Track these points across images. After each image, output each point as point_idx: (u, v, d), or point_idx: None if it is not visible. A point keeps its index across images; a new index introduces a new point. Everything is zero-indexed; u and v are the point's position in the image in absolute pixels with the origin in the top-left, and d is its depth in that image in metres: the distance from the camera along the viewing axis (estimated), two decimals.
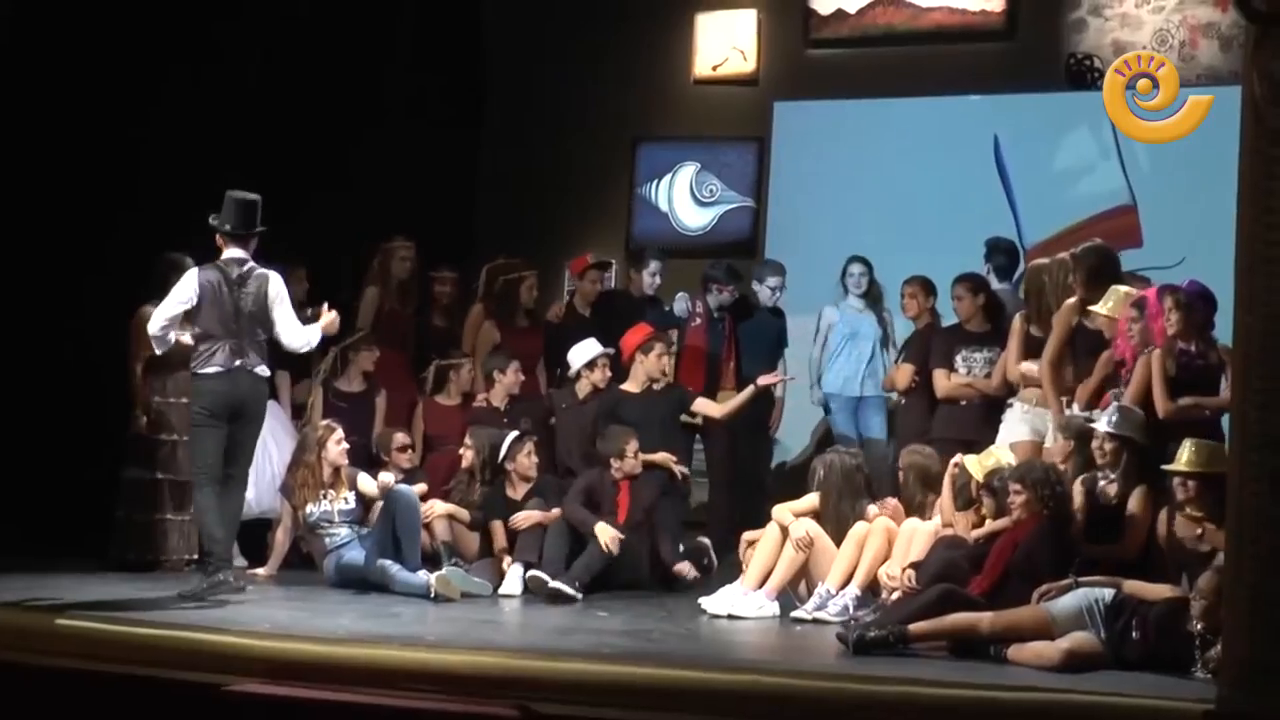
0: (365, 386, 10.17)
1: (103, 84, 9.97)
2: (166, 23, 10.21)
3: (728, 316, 10.85)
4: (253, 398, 8.44)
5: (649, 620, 8.25)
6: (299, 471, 9.29)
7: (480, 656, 6.90)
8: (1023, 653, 7.09)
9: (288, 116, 10.98)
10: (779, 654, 7.75)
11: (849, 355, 10.75)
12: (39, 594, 7.96)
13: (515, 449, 9.52)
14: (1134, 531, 7.67)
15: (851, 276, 10.74)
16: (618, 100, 12.76)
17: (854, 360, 10.73)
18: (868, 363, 10.72)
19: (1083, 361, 8.53)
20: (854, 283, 10.72)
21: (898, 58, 12.22)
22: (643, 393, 9.84)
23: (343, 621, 7.75)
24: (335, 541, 9.16)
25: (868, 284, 10.75)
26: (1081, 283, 8.51)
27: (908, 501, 8.57)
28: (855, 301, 10.83)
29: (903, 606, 7.59)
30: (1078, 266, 8.56)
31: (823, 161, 12.25)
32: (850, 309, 10.83)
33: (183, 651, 7.03)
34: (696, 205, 12.73)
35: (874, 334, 10.76)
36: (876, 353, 10.77)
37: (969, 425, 9.30)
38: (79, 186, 9.82)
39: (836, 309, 10.85)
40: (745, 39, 12.69)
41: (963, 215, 11.43)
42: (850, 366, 10.74)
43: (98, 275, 9.82)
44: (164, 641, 7.12)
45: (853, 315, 10.81)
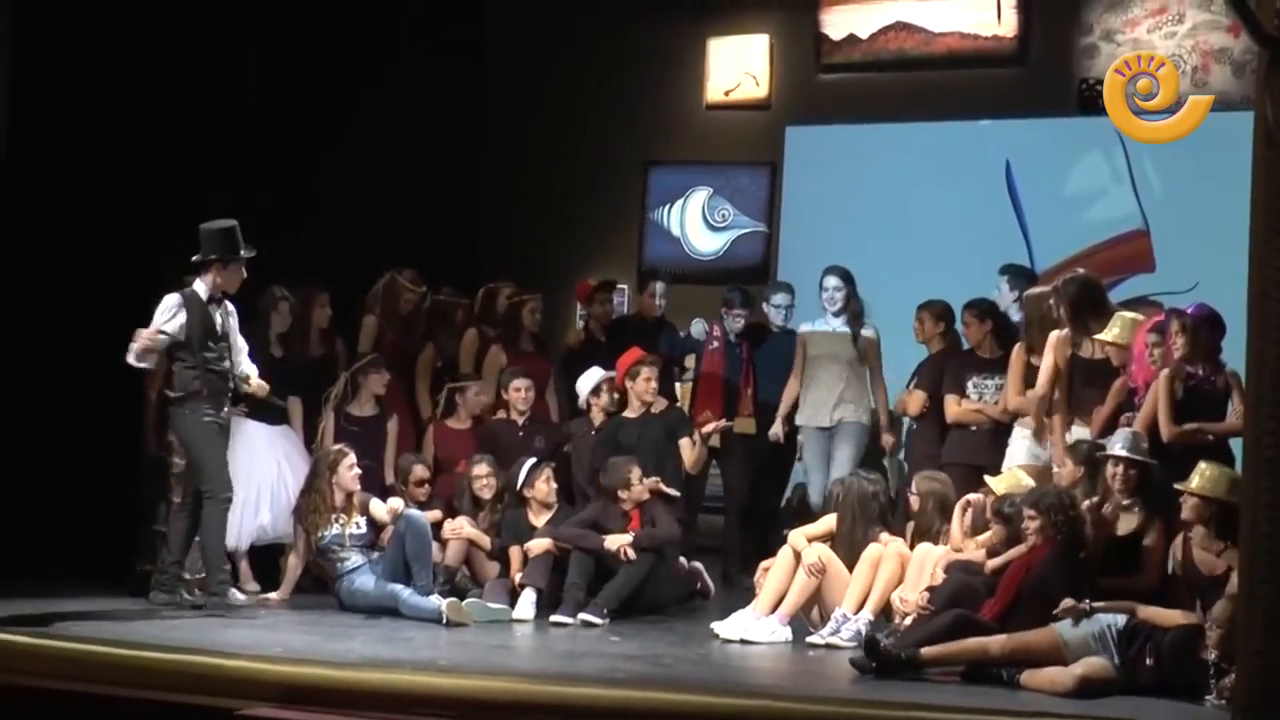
0: (377, 411, 10.15)
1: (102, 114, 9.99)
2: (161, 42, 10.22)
3: (744, 342, 10.66)
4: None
5: (661, 645, 8.23)
6: (311, 496, 9.29)
7: (492, 681, 6.90)
8: (1036, 678, 7.08)
9: (292, 140, 11.01)
10: (792, 679, 7.74)
11: (819, 381, 10.09)
12: (52, 617, 7.99)
13: (534, 475, 9.53)
14: (1153, 562, 7.62)
15: (825, 291, 10.26)
16: (630, 125, 12.80)
17: (824, 387, 10.08)
18: (841, 389, 10.04)
19: (1080, 391, 8.52)
20: (827, 298, 10.24)
21: (910, 82, 12.24)
22: (640, 417, 9.83)
23: (355, 646, 7.75)
24: (347, 566, 9.16)
25: (844, 300, 10.18)
26: (1066, 316, 8.53)
27: (924, 528, 8.56)
28: (832, 320, 10.19)
29: (915, 631, 7.57)
30: (1059, 299, 8.60)
31: (835, 186, 12.26)
32: (823, 328, 10.22)
33: (196, 676, 7.03)
34: (709, 230, 12.75)
35: (847, 356, 10.06)
36: (852, 378, 10.05)
37: (979, 450, 9.29)
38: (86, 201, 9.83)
39: (812, 326, 10.28)
40: (757, 64, 12.72)
41: (975, 240, 11.44)
42: (820, 393, 10.10)
43: (104, 288, 9.79)
44: (178, 666, 7.12)
45: (824, 336, 10.18)
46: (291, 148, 11.00)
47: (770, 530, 9.85)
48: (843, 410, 10.00)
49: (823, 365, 10.07)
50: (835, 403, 10.01)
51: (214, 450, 8.77)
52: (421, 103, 12.05)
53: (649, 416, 9.84)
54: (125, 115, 10.03)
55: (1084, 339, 8.51)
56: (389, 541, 9.15)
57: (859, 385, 10.07)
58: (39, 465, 9.33)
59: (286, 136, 10.99)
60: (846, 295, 10.21)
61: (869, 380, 10.13)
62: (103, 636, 7.53)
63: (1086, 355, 8.53)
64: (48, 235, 9.51)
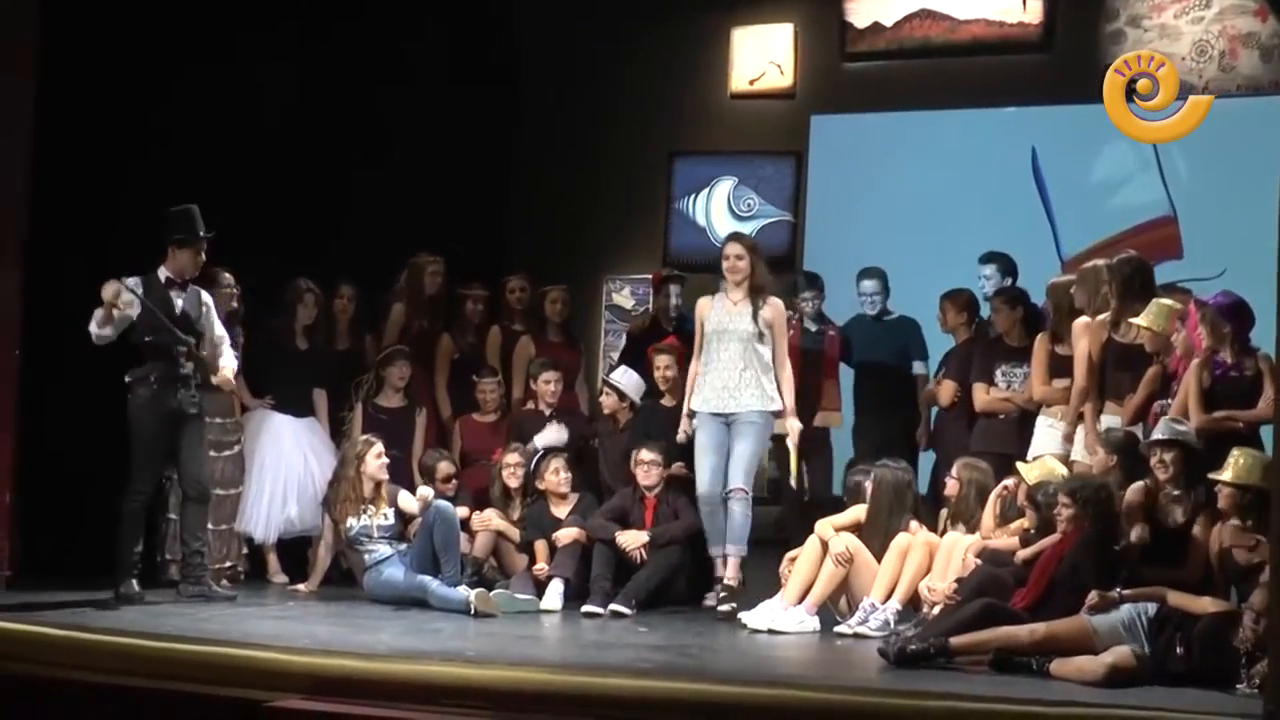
0: (406, 402, 10.20)
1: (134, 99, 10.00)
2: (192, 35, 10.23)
3: (828, 330, 10.35)
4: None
5: (688, 635, 8.24)
6: (339, 486, 9.33)
7: (520, 672, 6.90)
8: (1065, 667, 7.06)
9: (319, 133, 11.02)
10: (820, 669, 7.73)
11: (716, 362, 9.07)
12: (79, 609, 8.03)
13: (542, 466, 9.56)
14: (1198, 554, 7.52)
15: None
16: (654, 115, 12.77)
17: (720, 369, 9.06)
18: (741, 371, 9.02)
19: (1114, 375, 8.47)
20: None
21: (935, 70, 12.19)
22: (672, 406, 9.79)
23: (383, 637, 7.76)
24: (375, 557, 9.18)
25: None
26: (1116, 294, 8.46)
27: (963, 515, 8.54)
28: (732, 293, 9.11)
29: (944, 620, 7.56)
30: (1112, 278, 8.51)
31: (860, 175, 12.23)
32: (723, 301, 9.17)
33: (225, 668, 7.05)
34: (734, 219, 12.72)
35: (747, 332, 9.01)
36: (754, 359, 9.00)
37: (1007, 439, 9.26)
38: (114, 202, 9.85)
39: (711, 299, 9.24)
40: (782, 53, 12.68)
41: (1001, 228, 11.38)
42: (718, 376, 9.08)
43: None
44: (206, 658, 7.14)
45: (721, 310, 9.13)
46: (319, 141, 11.01)
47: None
48: (749, 398, 9.02)
49: (720, 342, 9.05)
50: (737, 386, 9.02)
51: (147, 442, 8.68)
52: (448, 95, 12.07)
53: (679, 408, 9.80)
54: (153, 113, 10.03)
55: (1124, 321, 8.42)
56: (417, 532, 9.18)
57: (762, 368, 9.04)
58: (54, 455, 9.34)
59: (314, 130, 11.00)
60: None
61: (773, 361, 9.11)
62: (133, 629, 7.56)
63: (1122, 338, 8.46)
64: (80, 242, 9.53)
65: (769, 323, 9.02)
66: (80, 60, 9.46)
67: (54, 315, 8.98)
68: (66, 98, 9.16)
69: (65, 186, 9.23)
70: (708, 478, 8.96)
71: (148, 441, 8.71)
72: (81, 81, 9.51)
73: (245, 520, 9.67)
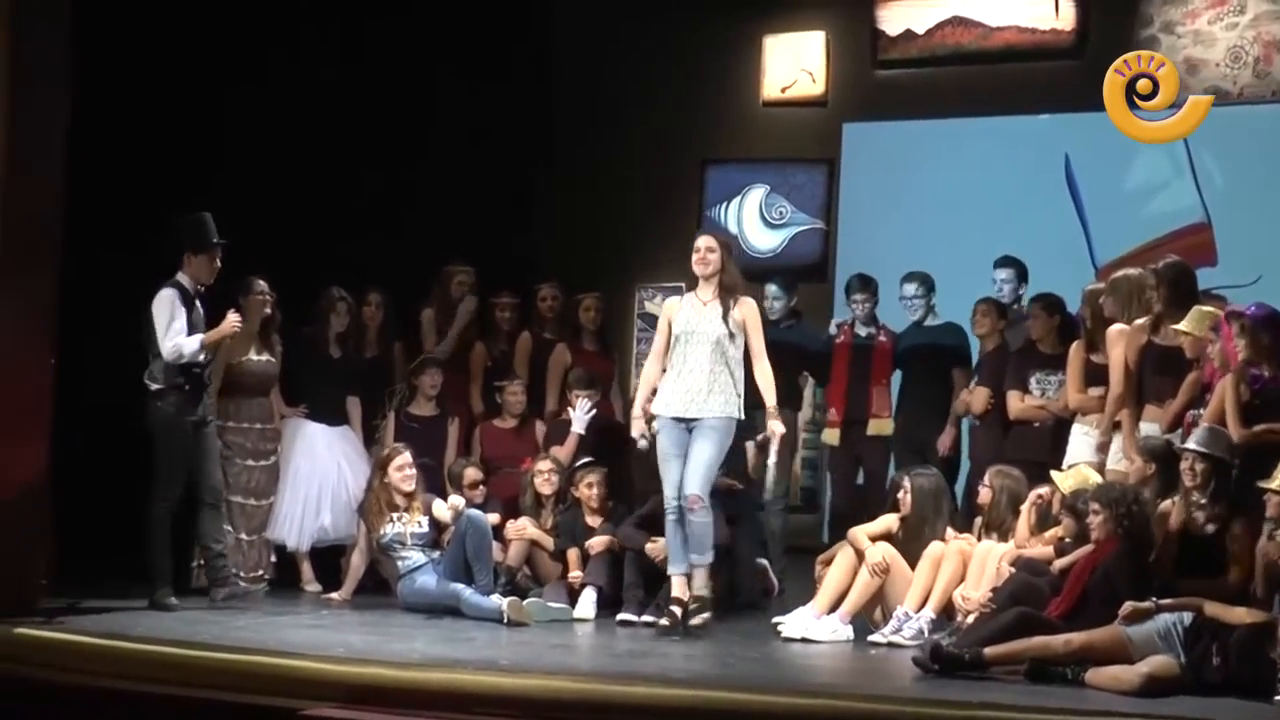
0: (438, 411, 10.22)
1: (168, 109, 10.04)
2: (230, 47, 10.29)
3: (878, 335, 10.24)
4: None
5: (722, 644, 8.22)
6: (370, 494, 9.35)
7: (554, 681, 6.90)
8: (1100, 676, 7.03)
9: (351, 143, 11.06)
10: (854, 677, 7.71)
11: (684, 365, 8.53)
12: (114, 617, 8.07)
13: (577, 477, 9.57)
14: (1237, 563, 7.46)
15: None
16: (686, 123, 12.78)
17: (689, 372, 8.52)
18: (710, 376, 8.48)
19: (1153, 380, 8.41)
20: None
21: (967, 77, 12.18)
22: None
23: (417, 645, 7.77)
24: (408, 565, 9.19)
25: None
26: (1163, 298, 8.38)
27: (995, 523, 8.52)
28: (702, 292, 8.64)
29: (979, 629, 7.54)
30: (1159, 281, 8.42)
31: (893, 182, 12.22)
32: (692, 302, 8.67)
33: (259, 676, 7.06)
34: (766, 227, 12.72)
35: (716, 334, 8.50)
36: (723, 362, 8.47)
37: (1042, 447, 9.21)
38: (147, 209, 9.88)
39: (680, 299, 8.80)
40: (814, 61, 12.68)
41: (1034, 236, 11.36)
42: (686, 380, 8.51)
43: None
44: (240, 666, 7.16)
45: (691, 311, 8.63)
46: (349, 151, 11.05)
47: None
48: (714, 402, 8.50)
49: (686, 344, 8.55)
50: (700, 391, 8.50)
51: (173, 450, 8.78)
52: (480, 103, 12.10)
53: None
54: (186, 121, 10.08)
55: (1166, 325, 8.33)
56: (450, 541, 9.19)
57: (731, 372, 8.51)
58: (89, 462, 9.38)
59: (344, 141, 11.04)
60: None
61: (747, 360, 8.62)
62: (168, 637, 7.59)
63: (1162, 342, 8.37)
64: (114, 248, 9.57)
65: (740, 323, 8.52)
66: (113, 68, 9.53)
67: (87, 323, 9.02)
68: (100, 106, 9.20)
69: (99, 194, 9.28)
70: (673, 491, 8.47)
71: (174, 449, 8.78)
72: (114, 88, 9.57)
73: (278, 528, 9.70)
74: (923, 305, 10.17)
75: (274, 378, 9.72)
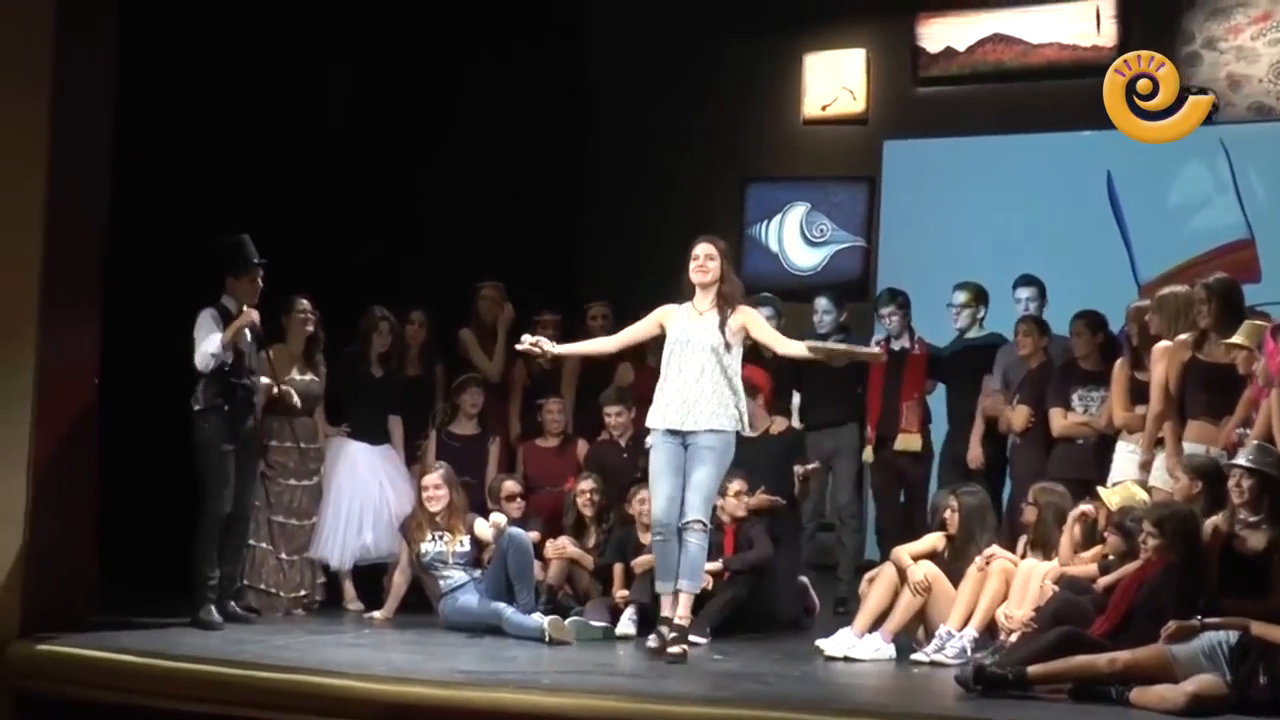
0: (479, 430, 10.23)
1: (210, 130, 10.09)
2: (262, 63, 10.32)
3: (911, 349, 10.14)
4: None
5: (764, 662, 8.20)
6: (414, 511, 9.38)
7: (596, 699, 6.90)
8: (1146, 695, 6.98)
9: (390, 162, 11.10)
10: (896, 696, 7.68)
11: (676, 375, 8.23)
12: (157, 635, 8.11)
13: (630, 493, 9.56)
14: None
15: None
16: (727, 141, 12.80)
17: (681, 382, 8.20)
18: (699, 384, 8.15)
19: (1196, 396, 8.33)
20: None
21: (1008, 94, 12.18)
22: (759, 437, 9.78)
23: (458, 664, 7.76)
24: (450, 584, 9.20)
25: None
26: (1214, 313, 8.25)
27: (1042, 540, 8.48)
28: (699, 302, 8.32)
29: (1022, 648, 7.50)
30: (1211, 296, 8.33)
31: (934, 200, 12.21)
32: (689, 311, 8.33)
33: (302, 695, 7.09)
34: (807, 245, 12.73)
35: (711, 344, 8.19)
36: (717, 372, 8.14)
37: (1085, 464, 9.17)
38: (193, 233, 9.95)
39: (678, 306, 8.41)
40: (854, 78, 12.70)
41: (1076, 252, 11.34)
42: (677, 389, 8.19)
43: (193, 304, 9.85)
44: (283, 685, 7.19)
45: (686, 320, 8.32)
46: (390, 170, 11.09)
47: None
48: (706, 414, 8.17)
49: (682, 351, 8.24)
50: (693, 402, 8.18)
51: (219, 469, 8.81)
52: (520, 122, 12.12)
53: (766, 437, 9.75)
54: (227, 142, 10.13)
55: (1211, 341, 8.24)
56: (491, 559, 9.19)
57: (726, 383, 8.20)
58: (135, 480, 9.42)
59: (385, 159, 11.08)
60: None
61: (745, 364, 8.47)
62: (210, 656, 7.62)
63: (1206, 358, 8.28)
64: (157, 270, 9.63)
65: (739, 330, 8.22)
66: (153, 89, 9.57)
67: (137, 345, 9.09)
68: (143, 128, 9.26)
69: (145, 218, 9.34)
70: (664, 504, 8.17)
71: (219, 468, 8.82)
72: (156, 110, 9.63)
73: (321, 547, 9.71)
74: (969, 315, 10.13)
75: (318, 397, 9.74)
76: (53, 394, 8.19)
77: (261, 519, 9.44)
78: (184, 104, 9.98)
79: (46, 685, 7.70)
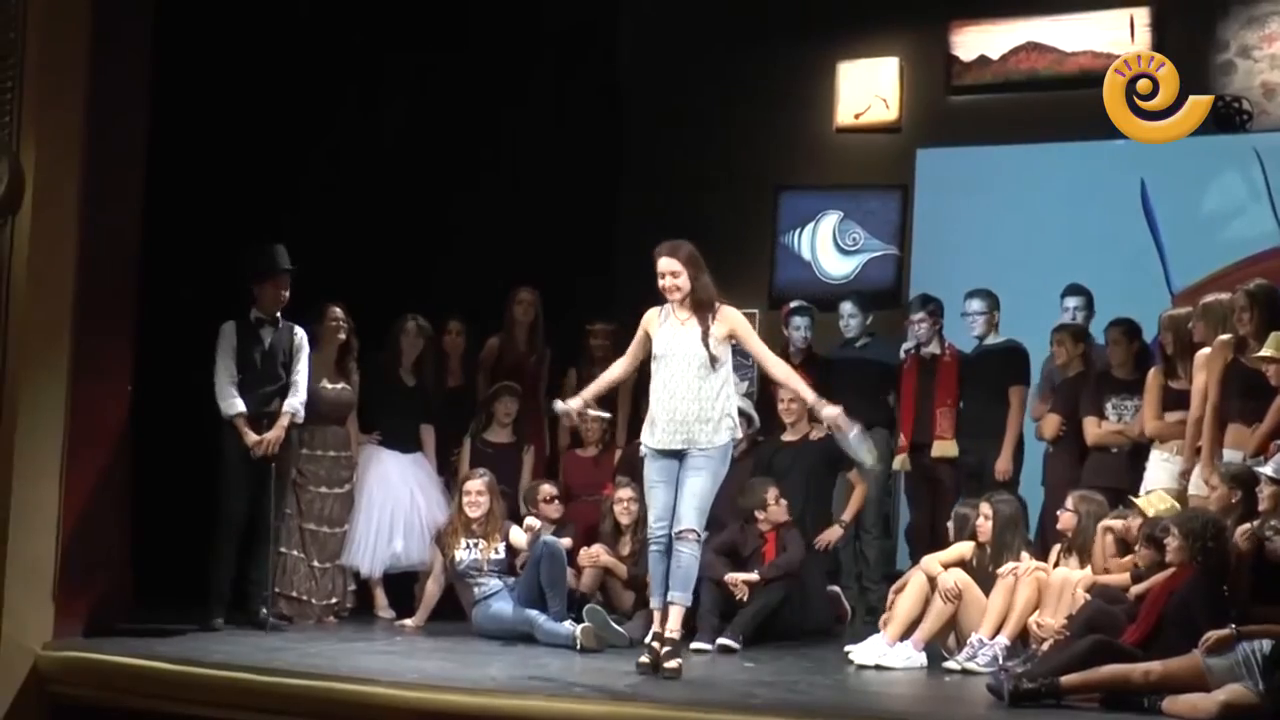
0: (514, 438, 10.23)
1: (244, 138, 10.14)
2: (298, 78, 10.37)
3: (941, 356, 10.15)
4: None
5: (795, 671, 8.20)
6: (451, 518, 9.40)
7: (627, 707, 6.92)
8: (1177, 705, 6.95)
9: (428, 172, 11.13)
10: (928, 705, 7.69)
11: (664, 390, 7.92)
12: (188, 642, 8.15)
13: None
14: None
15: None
16: (760, 149, 12.79)
17: (671, 398, 7.90)
18: (692, 401, 7.85)
19: (1235, 403, 8.30)
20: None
21: (1042, 103, 12.13)
22: (798, 441, 9.76)
23: (491, 672, 7.78)
24: (484, 591, 9.22)
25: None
26: (1256, 319, 8.18)
27: (1081, 548, 8.46)
28: (679, 311, 8.00)
29: (1054, 657, 7.48)
30: (1253, 303, 8.23)
31: (967, 208, 12.17)
32: (670, 319, 8.04)
33: (334, 702, 7.12)
34: (839, 254, 12.70)
35: (698, 360, 7.87)
36: (707, 384, 7.85)
37: (1119, 474, 9.15)
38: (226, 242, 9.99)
39: (660, 315, 8.08)
40: (887, 87, 12.67)
41: (1109, 261, 11.29)
42: (668, 407, 7.89)
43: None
44: (314, 692, 7.21)
45: (669, 329, 8.01)
46: (427, 180, 11.12)
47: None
48: (697, 432, 7.91)
49: (665, 363, 7.96)
50: (685, 418, 7.89)
51: (234, 479, 8.91)
52: (554, 132, 12.15)
53: (806, 443, 9.75)
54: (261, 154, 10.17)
55: (1251, 348, 8.18)
56: (525, 567, 9.20)
57: (717, 394, 7.90)
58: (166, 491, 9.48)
59: (422, 169, 11.12)
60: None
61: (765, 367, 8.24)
62: (242, 664, 7.64)
63: (1247, 363, 8.20)
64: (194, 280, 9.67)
65: (725, 337, 7.93)
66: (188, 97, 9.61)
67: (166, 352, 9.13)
68: (177, 138, 9.31)
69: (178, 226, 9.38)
70: (659, 514, 7.95)
71: (234, 477, 8.90)
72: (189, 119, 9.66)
73: (352, 555, 9.73)
74: (984, 322, 10.10)
75: (350, 405, 9.77)
76: (86, 402, 8.23)
77: (293, 527, 9.49)
78: (218, 113, 10.02)
79: (81, 692, 7.76)
